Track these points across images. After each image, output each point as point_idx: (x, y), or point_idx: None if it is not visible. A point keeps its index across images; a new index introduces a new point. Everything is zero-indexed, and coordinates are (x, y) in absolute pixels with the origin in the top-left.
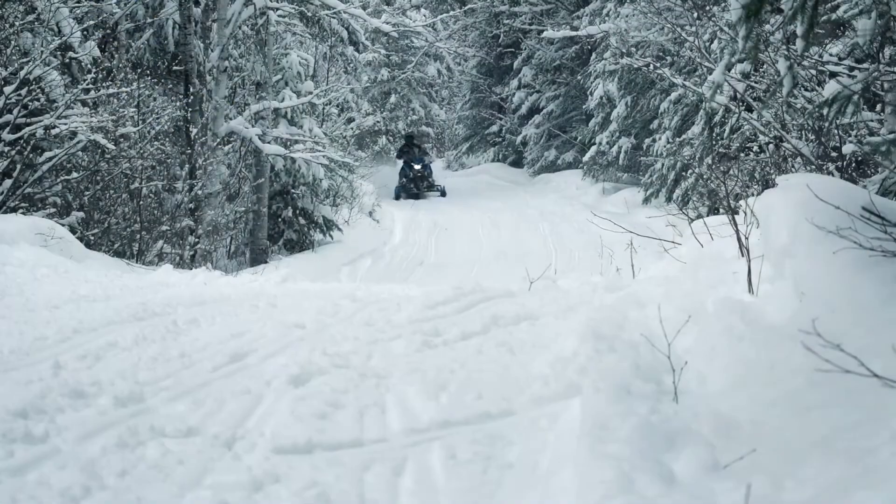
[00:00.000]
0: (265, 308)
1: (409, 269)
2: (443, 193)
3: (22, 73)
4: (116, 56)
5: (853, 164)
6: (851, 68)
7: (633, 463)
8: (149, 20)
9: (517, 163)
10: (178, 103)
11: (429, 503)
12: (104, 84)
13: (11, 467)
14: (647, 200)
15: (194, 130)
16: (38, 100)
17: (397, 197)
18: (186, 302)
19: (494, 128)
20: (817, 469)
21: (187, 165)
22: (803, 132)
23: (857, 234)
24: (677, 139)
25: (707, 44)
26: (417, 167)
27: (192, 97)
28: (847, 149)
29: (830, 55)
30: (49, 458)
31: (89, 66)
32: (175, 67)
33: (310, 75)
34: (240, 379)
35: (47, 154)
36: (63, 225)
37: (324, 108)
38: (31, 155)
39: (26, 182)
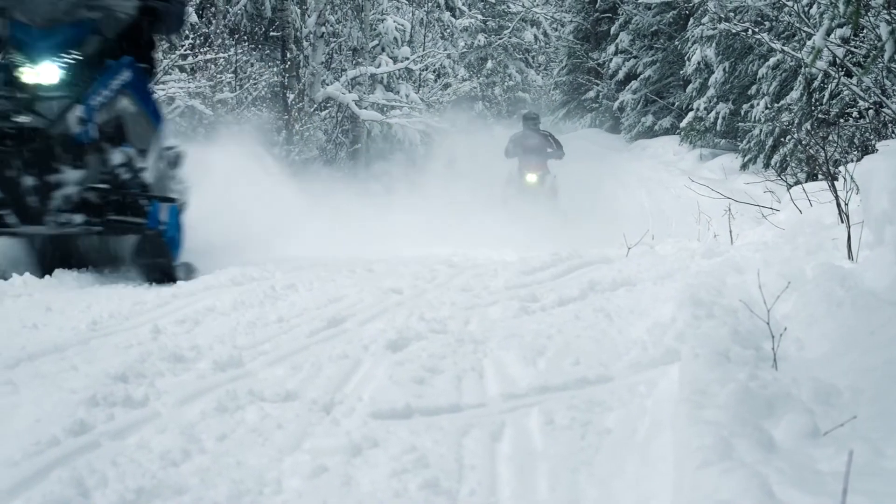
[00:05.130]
0: (362, 273)
1: (513, 233)
2: None
3: None
4: (214, 22)
5: None
6: None
7: (732, 429)
8: None
9: (614, 129)
10: (274, 69)
11: (527, 468)
12: (202, 50)
13: (112, 431)
14: (744, 166)
15: (291, 96)
16: None
17: None
18: (284, 267)
19: (591, 93)
20: None
21: (284, 131)
22: None
23: None
24: (776, 105)
25: (806, 8)
26: None
27: (288, 63)
28: None
29: None
30: (149, 422)
31: (187, 32)
32: (272, 33)
33: (406, 41)
34: (337, 344)
35: None
36: None
37: (420, 74)
38: None
39: None
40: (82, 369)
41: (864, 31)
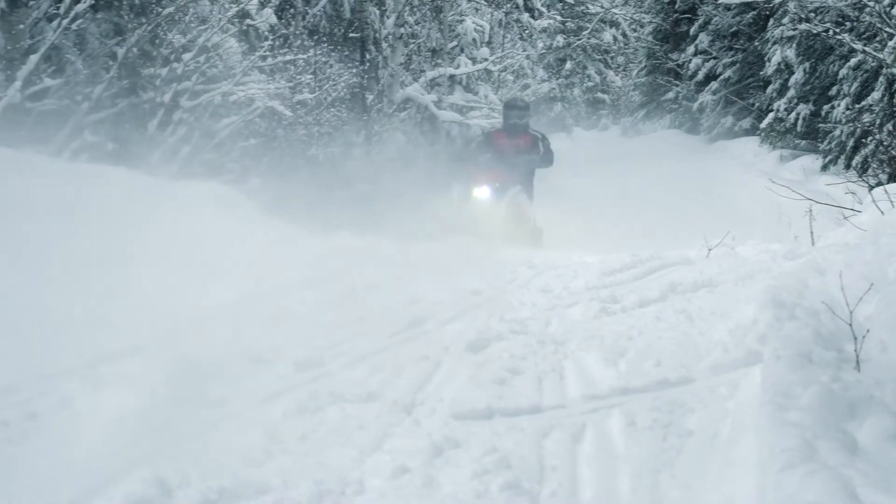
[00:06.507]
0: (442, 274)
1: (588, 235)
2: None
3: (200, 41)
4: (293, 23)
5: None
6: None
7: (816, 431)
8: None
9: (693, 130)
10: (354, 70)
11: (608, 470)
12: (281, 51)
13: (193, 430)
14: (825, 168)
15: (370, 97)
16: (215, 67)
17: None
18: (365, 268)
19: (670, 94)
20: None
21: (363, 132)
22: None
23: None
24: (857, 105)
25: (888, 8)
26: None
27: (367, 64)
28: None
29: None
30: (230, 422)
31: (266, 33)
32: (351, 34)
33: (485, 42)
34: (418, 345)
35: (225, 121)
36: (241, 191)
37: (499, 75)
38: (209, 121)
39: (205, 149)
40: (165, 368)
41: None
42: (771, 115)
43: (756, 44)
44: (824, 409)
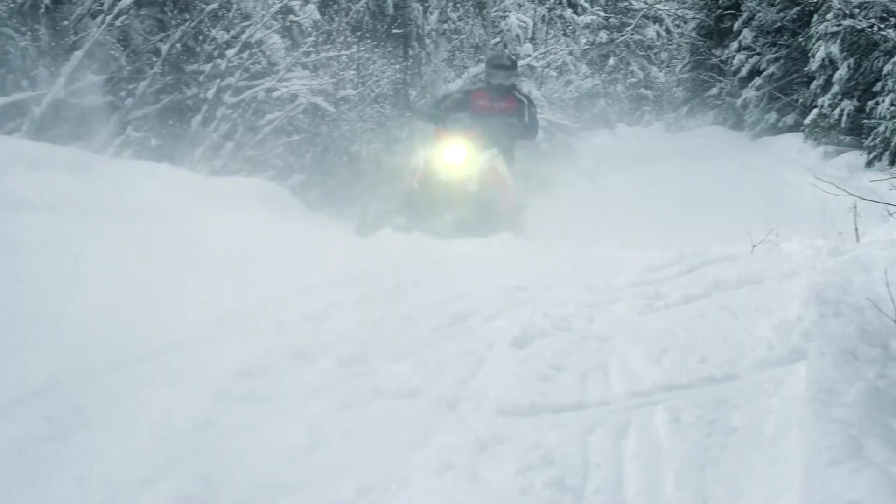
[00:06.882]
0: (485, 270)
1: (633, 232)
2: None
3: (243, 37)
4: (336, 19)
5: None
6: None
7: (861, 428)
8: None
9: (737, 126)
10: (397, 66)
11: (653, 466)
12: (324, 47)
13: (238, 426)
14: (870, 164)
15: (413, 93)
16: (259, 63)
17: None
18: (408, 264)
19: (714, 91)
20: None
21: (406, 128)
22: None
23: None
24: None
25: None
26: None
27: (411, 60)
28: None
29: None
30: (274, 417)
31: (309, 29)
32: (394, 30)
33: (528, 38)
34: (462, 340)
35: (268, 117)
36: (284, 187)
37: (542, 71)
38: (252, 117)
39: (248, 145)
40: (208, 365)
41: None
42: (815, 111)
43: (800, 40)
44: (870, 405)
